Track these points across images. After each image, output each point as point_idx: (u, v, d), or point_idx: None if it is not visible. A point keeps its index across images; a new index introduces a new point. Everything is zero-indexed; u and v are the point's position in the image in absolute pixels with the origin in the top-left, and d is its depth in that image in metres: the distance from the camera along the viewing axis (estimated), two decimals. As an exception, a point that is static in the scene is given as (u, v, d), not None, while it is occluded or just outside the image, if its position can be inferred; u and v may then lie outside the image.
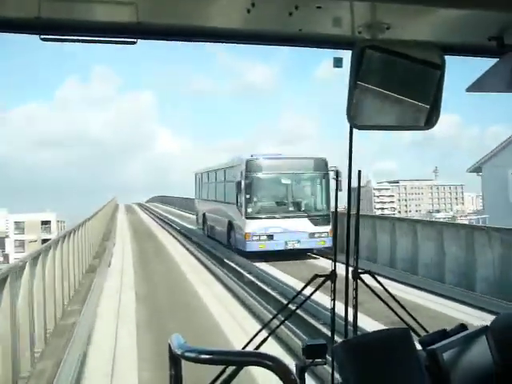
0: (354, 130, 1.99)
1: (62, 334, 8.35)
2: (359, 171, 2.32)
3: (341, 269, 2.09)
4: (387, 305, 2.25)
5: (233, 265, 14.73)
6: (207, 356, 1.11)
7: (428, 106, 1.82)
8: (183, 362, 1.23)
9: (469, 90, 1.94)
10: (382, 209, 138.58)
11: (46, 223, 70.97)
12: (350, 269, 2.10)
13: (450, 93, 2.21)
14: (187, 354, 1.11)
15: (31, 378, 6.45)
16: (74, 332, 8.20)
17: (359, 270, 2.11)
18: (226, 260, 15.51)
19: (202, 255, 17.28)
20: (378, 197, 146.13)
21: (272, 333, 2.27)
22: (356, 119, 1.81)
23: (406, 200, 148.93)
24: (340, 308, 2.14)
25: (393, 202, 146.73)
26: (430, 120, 1.84)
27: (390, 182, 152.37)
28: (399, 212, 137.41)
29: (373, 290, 2.19)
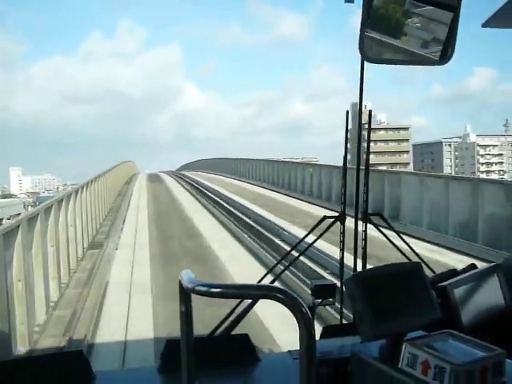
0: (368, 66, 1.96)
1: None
2: (370, 111, 2.25)
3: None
4: (396, 246, 2.24)
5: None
6: (218, 290, 1.09)
7: (442, 42, 1.76)
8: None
9: (485, 25, 1.82)
10: (488, 172, 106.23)
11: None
12: (360, 211, 2.11)
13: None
14: (198, 288, 1.08)
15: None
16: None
17: (369, 212, 2.11)
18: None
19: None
20: (482, 156, 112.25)
21: (282, 272, 2.33)
22: (368, 52, 1.80)
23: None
24: (348, 253, 2.13)
25: (502, 162, 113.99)
26: (444, 55, 1.80)
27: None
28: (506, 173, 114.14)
29: (382, 232, 2.19)
